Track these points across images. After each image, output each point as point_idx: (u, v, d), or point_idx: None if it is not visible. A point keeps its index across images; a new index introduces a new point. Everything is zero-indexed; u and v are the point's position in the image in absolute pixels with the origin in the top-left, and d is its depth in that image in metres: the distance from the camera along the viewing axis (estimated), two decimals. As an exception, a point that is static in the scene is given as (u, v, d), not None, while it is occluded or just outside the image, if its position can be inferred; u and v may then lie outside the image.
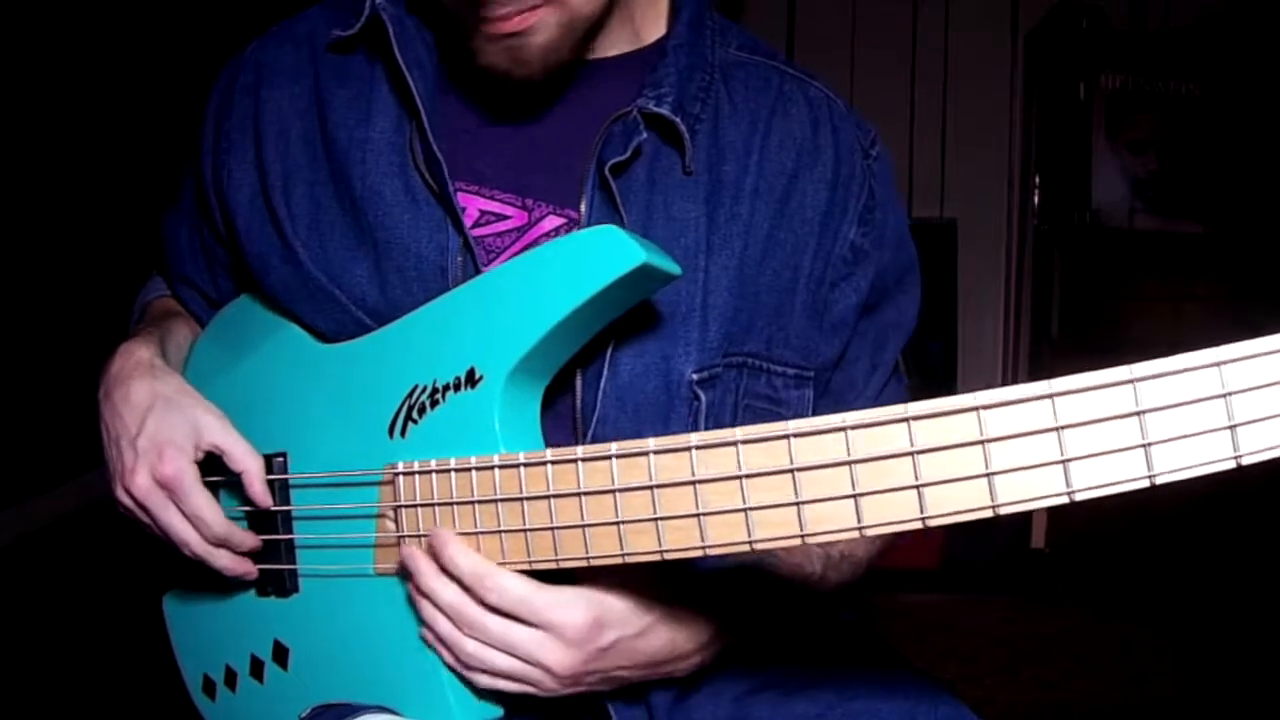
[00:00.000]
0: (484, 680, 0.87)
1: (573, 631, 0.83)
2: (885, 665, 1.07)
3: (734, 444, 0.72)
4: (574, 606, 0.84)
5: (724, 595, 0.95)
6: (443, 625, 0.86)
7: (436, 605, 0.86)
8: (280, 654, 0.99)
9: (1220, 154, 3.72)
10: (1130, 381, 0.62)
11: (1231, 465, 0.61)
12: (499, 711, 0.90)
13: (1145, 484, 0.62)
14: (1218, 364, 0.61)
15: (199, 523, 0.96)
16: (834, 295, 1.04)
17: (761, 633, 1.01)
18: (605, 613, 0.85)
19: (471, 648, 0.85)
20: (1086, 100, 3.75)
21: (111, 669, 2.47)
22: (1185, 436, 0.61)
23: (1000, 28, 4.11)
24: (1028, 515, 3.78)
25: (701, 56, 1.02)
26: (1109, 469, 0.63)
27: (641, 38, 1.04)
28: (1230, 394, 0.60)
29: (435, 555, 0.86)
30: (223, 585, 1.03)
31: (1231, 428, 0.60)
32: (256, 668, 1.01)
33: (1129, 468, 0.63)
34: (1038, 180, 3.96)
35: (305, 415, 0.98)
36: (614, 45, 1.02)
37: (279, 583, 0.99)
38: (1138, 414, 0.62)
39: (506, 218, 0.97)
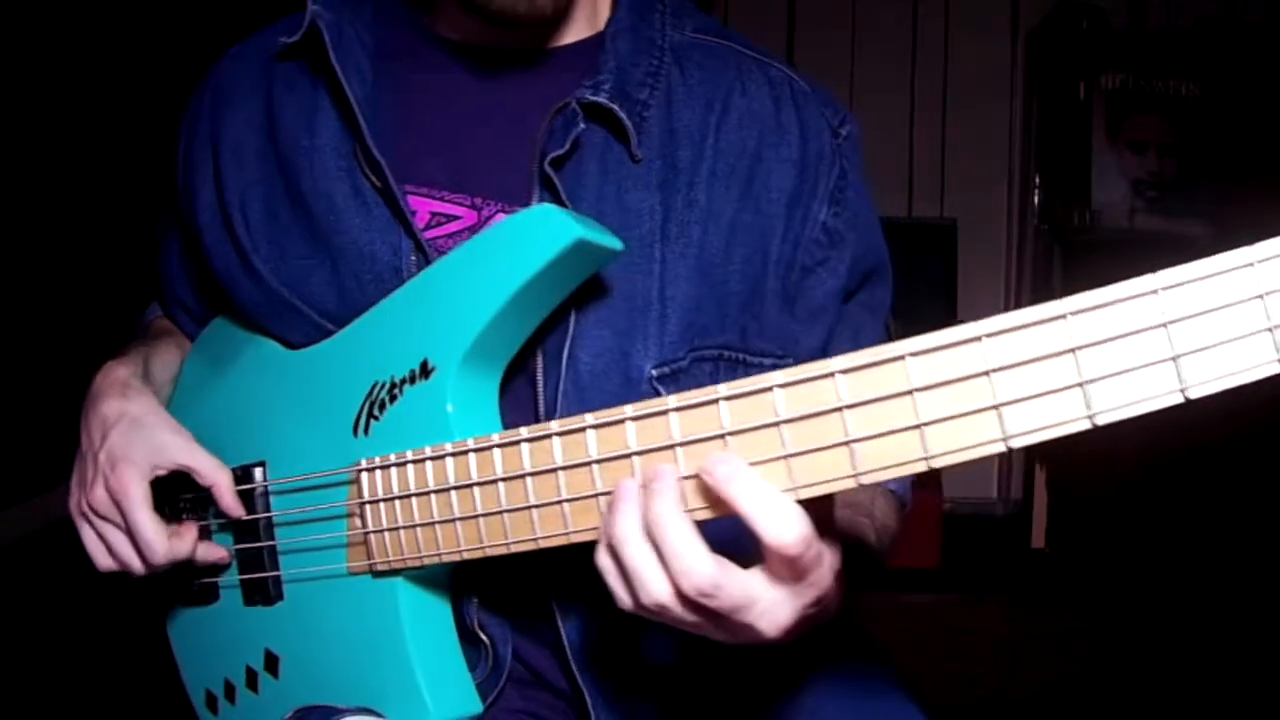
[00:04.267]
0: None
1: (818, 594, 0.71)
2: (849, 659, 1.04)
3: (665, 412, 0.71)
4: (831, 571, 0.71)
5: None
6: (639, 557, 0.69)
7: (661, 541, 0.68)
8: (271, 663, 0.99)
9: (1220, 154, 3.73)
10: (1062, 316, 0.59)
11: (1178, 399, 0.57)
12: (478, 709, 0.90)
13: (1086, 425, 0.59)
14: (1155, 290, 0.57)
15: (142, 543, 0.95)
16: (810, 281, 1.01)
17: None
18: (838, 578, 0.73)
19: (674, 607, 0.69)
20: (1086, 100, 3.76)
21: (113, 672, 2.47)
22: (1125, 371, 0.57)
23: (1000, 28, 4.12)
24: (1028, 515, 3.81)
25: (648, 40, 0.99)
26: (1045, 411, 0.59)
27: (597, 23, 1.01)
28: (1170, 322, 0.56)
29: (719, 490, 0.67)
30: (212, 599, 1.04)
31: (1175, 358, 0.56)
32: (251, 679, 1.01)
33: (1067, 408, 0.59)
34: (1038, 180, 3.97)
35: (279, 422, 0.99)
36: (570, 32, 1.01)
37: (264, 591, 0.99)
38: (1073, 350, 0.58)
39: (457, 218, 0.96)
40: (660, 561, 0.68)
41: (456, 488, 0.82)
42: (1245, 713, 2.66)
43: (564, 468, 0.76)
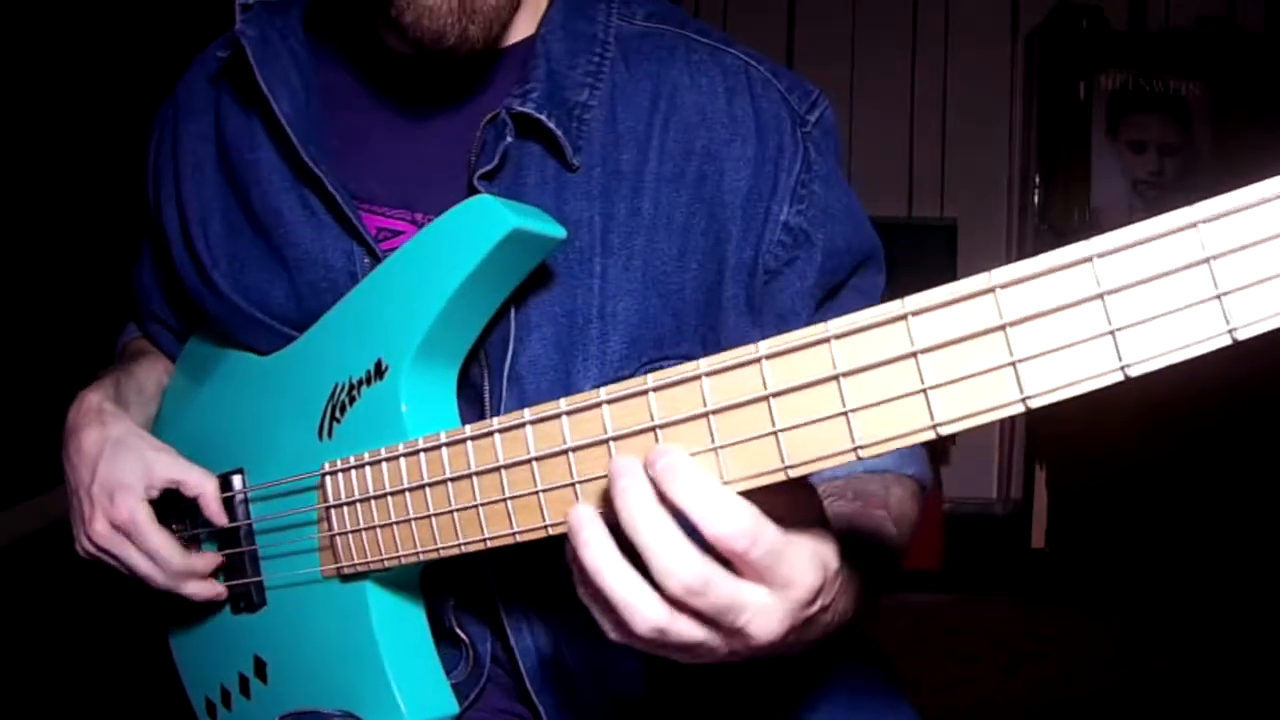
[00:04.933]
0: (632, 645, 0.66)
1: (804, 593, 0.64)
2: (844, 661, 1.03)
3: (598, 404, 0.68)
4: (811, 566, 0.64)
5: (853, 562, 0.76)
6: (632, 589, 0.63)
7: (639, 541, 0.62)
8: (260, 668, 1.00)
9: (1220, 154, 3.72)
10: (990, 290, 0.54)
11: (1119, 378, 0.51)
12: (454, 710, 0.89)
13: (1020, 408, 0.53)
14: (1089, 258, 0.52)
15: (157, 559, 0.96)
16: (777, 284, 0.95)
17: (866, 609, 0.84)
18: (828, 573, 0.66)
19: (660, 620, 0.62)
20: (1086, 100, 3.76)
21: (115, 672, 2.47)
22: (1059, 349, 0.52)
23: (1000, 28, 4.12)
24: (1028, 515, 3.80)
25: (588, 35, 0.93)
26: (975, 393, 0.54)
27: (536, 23, 0.96)
28: (1106, 293, 0.51)
29: (659, 485, 0.63)
30: (204, 609, 1.04)
31: (1113, 332, 0.51)
32: (244, 685, 1.01)
33: (998, 391, 0.54)
34: (1038, 180, 3.96)
35: (254, 429, 0.99)
36: (511, 33, 0.95)
37: (248, 597, 0.99)
38: (1002, 328, 0.53)
39: (401, 234, 0.94)
40: (641, 574, 0.62)
41: (410, 489, 0.82)
42: (1246, 712, 2.65)
43: (505, 466, 0.74)
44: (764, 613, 0.63)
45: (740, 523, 0.60)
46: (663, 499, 0.62)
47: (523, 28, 0.95)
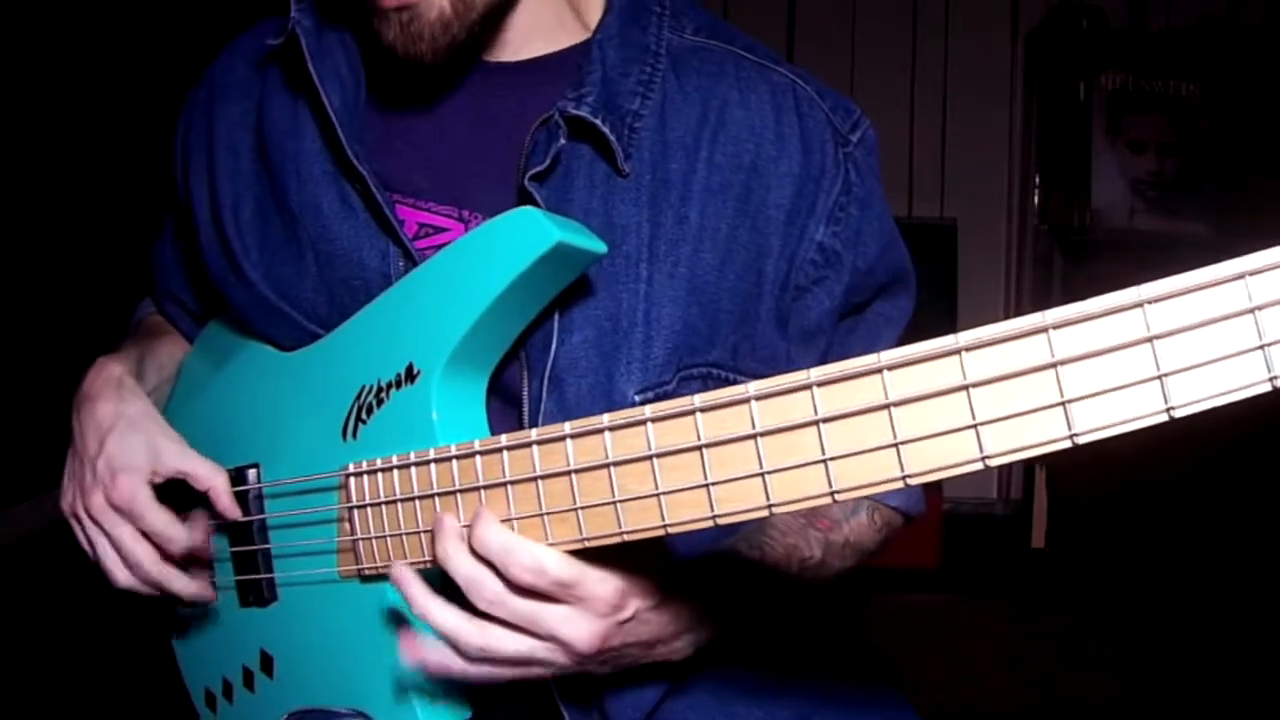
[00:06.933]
0: (484, 671, 0.80)
1: (602, 605, 0.77)
2: (854, 677, 1.04)
3: (642, 422, 0.70)
4: (606, 579, 0.77)
5: (715, 576, 0.90)
6: (450, 618, 0.79)
7: (451, 576, 0.79)
8: (266, 663, 1.00)
9: (1220, 154, 3.72)
10: (1044, 330, 0.56)
11: (1164, 419, 0.54)
12: (466, 713, 0.90)
13: (1067, 444, 0.56)
14: (1140, 304, 0.54)
15: (160, 538, 0.95)
16: (806, 301, 0.98)
17: (758, 619, 0.95)
18: (629, 584, 0.78)
19: (478, 639, 0.78)
20: (1086, 100, 3.76)
21: (114, 671, 2.47)
22: (1108, 390, 0.54)
23: (1000, 28, 4.11)
24: (1028, 515, 3.81)
25: (641, 46, 0.95)
26: (1025, 430, 0.57)
27: (587, 29, 0.98)
28: (1155, 338, 0.53)
29: (470, 534, 0.78)
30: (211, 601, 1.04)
31: (1160, 376, 0.53)
32: (248, 678, 1.02)
33: (1047, 427, 0.56)
34: (1038, 180, 3.96)
35: (272, 425, 0.99)
36: (556, 39, 0.97)
37: (258, 592, 0.99)
38: (1054, 366, 0.56)
39: (445, 230, 0.94)
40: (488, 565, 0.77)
41: (440, 494, 0.82)
42: (1245, 712, 2.66)
43: (543, 477, 0.75)
44: (569, 620, 0.76)
45: (528, 562, 0.75)
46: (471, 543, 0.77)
47: (569, 34, 0.97)
